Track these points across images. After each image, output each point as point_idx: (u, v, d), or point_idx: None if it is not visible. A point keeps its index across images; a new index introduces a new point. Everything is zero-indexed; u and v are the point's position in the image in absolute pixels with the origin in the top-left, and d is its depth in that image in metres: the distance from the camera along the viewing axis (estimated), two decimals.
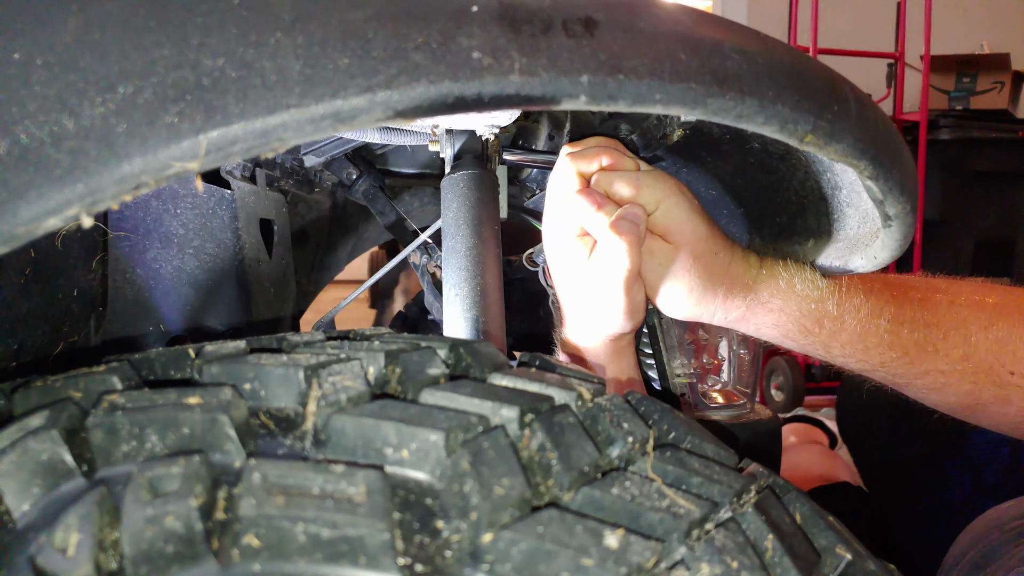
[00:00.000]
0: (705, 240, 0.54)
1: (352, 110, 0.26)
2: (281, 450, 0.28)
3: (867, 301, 0.54)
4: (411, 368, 0.32)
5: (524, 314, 1.07)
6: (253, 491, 0.25)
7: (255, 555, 0.23)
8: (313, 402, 0.29)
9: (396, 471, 0.27)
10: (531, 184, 0.85)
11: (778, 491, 0.31)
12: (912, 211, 0.43)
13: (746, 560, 0.26)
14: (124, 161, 0.25)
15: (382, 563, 0.23)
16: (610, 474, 0.29)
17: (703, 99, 0.30)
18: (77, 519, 0.24)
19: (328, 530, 0.23)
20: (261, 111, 0.25)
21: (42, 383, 0.32)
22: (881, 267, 0.51)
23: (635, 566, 0.24)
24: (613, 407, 0.33)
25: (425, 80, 0.26)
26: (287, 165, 0.92)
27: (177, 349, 0.35)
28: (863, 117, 0.37)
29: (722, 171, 0.62)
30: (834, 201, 0.52)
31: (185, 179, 0.63)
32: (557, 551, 0.24)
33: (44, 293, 0.47)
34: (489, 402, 0.30)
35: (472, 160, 0.61)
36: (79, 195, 0.25)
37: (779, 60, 0.33)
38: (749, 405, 0.73)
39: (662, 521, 0.26)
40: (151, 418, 0.28)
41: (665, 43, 0.30)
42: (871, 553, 0.29)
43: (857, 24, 3.51)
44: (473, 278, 0.57)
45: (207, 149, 0.25)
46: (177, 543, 0.24)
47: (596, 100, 0.28)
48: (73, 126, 0.25)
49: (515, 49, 0.27)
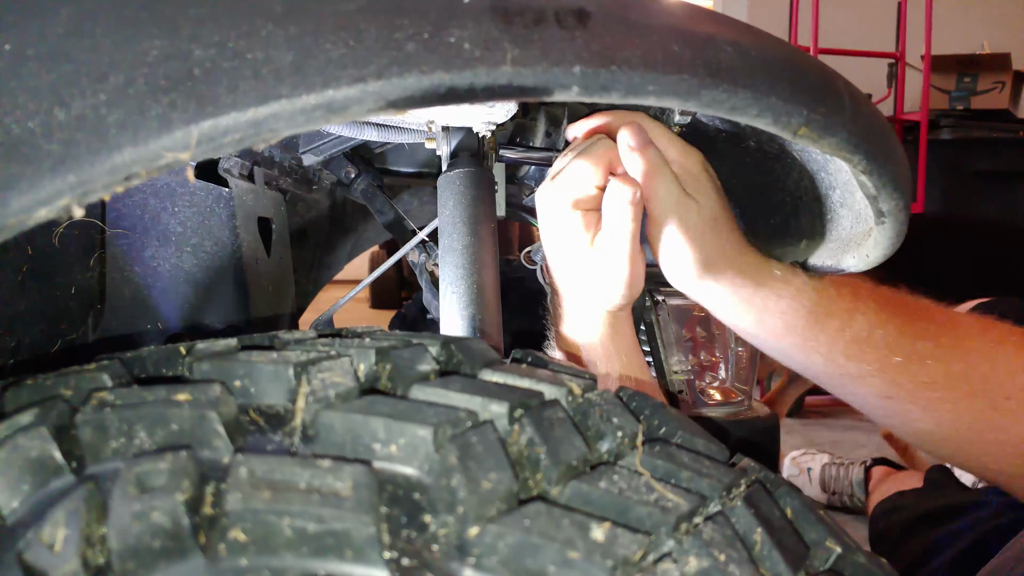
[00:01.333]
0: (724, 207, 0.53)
1: (344, 100, 0.26)
2: (270, 446, 0.28)
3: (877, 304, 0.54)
4: (401, 364, 0.32)
5: (522, 312, 1.07)
6: (240, 486, 0.25)
7: (242, 550, 0.23)
8: (302, 398, 0.29)
9: (384, 466, 0.27)
10: (529, 182, 0.85)
11: (769, 485, 0.31)
12: (905, 208, 0.43)
13: (734, 553, 0.25)
14: (115, 151, 0.25)
15: (369, 557, 0.23)
16: (599, 468, 0.29)
17: (696, 90, 0.30)
18: (65, 515, 0.24)
19: (315, 524, 0.23)
20: (253, 101, 0.25)
21: (32, 381, 0.32)
22: (873, 266, 0.51)
23: (622, 559, 0.24)
24: (603, 402, 0.33)
25: (417, 71, 0.26)
26: (286, 164, 0.92)
27: (168, 347, 0.35)
28: (857, 112, 0.37)
29: (718, 170, 0.62)
30: (828, 201, 0.52)
31: (182, 177, 0.63)
32: (544, 544, 0.24)
33: (42, 291, 0.47)
34: (479, 398, 0.30)
35: (469, 157, 0.61)
36: (70, 185, 0.25)
37: (772, 53, 0.33)
38: (747, 403, 0.73)
39: (650, 515, 0.26)
40: (140, 415, 0.28)
41: (658, 35, 0.30)
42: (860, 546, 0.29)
43: (858, 24, 3.51)
44: (470, 276, 0.57)
45: (199, 139, 0.25)
46: (164, 538, 0.23)
47: (589, 91, 0.28)
48: (64, 117, 0.25)
49: (507, 40, 0.27)
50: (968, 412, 0.53)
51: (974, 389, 0.52)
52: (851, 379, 0.55)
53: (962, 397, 0.53)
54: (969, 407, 0.53)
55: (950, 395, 0.53)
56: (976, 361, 0.53)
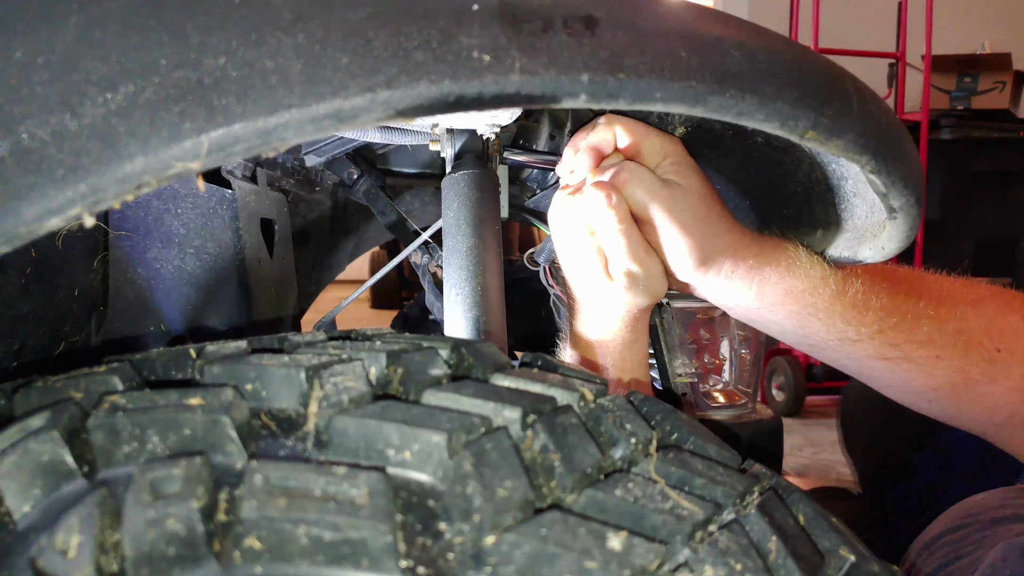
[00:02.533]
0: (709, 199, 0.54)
1: (353, 109, 0.26)
2: (283, 451, 0.28)
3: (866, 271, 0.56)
4: (413, 369, 0.32)
5: (526, 314, 1.07)
6: (255, 493, 0.25)
7: (257, 557, 0.23)
8: (315, 403, 0.29)
9: (398, 473, 0.27)
10: (532, 184, 0.85)
11: (781, 492, 0.31)
12: (917, 203, 0.43)
13: (750, 562, 0.25)
14: (126, 161, 0.25)
15: (384, 565, 0.23)
16: (613, 475, 0.29)
17: (704, 97, 0.30)
18: (78, 521, 0.24)
19: (330, 532, 0.23)
20: (262, 111, 0.25)
21: (43, 384, 0.32)
22: (889, 257, 0.51)
23: (638, 569, 0.24)
24: (616, 408, 0.33)
25: (426, 79, 0.26)
26: (288, 165, 0.92)
27: (178, 349, 0.35)
28: (865, 112, 0.37)
29: (726, 166, 0.62)
30: (841, 191, 0.52)
31: (186, 179, 0.63)
32: (560, 554, 0.24)
33: (45, 293, 0.47)
34: (491, 403, 0.29)
35: (473, 159, 0.61)
36: (81, 195, 0.25)
37: (780, 56, 0.33)
38: (750, 405, 0.73)
39: (665, 523, 0.26)
40: (152, 419, 0.28)
41: (665, 41, 0.30)
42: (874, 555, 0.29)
43: (858, 24, 3.51)
44: (474, 278, 0.57)
45: (209, 149, 0.25)
46: (178, 545, 0.23)
47: (596, 99, 0.28)
48: (75, 126, 0.25)
49: (515, 48, 0.27)
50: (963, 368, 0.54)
51: (968, 344, 0.54)
52: (850, 342, 0.56)
53: (957, 354, 0.54)
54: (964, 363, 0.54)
55: (946, 352, 0.55)
56: (968, 318, 0.55)
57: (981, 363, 0.54)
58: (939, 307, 0.55)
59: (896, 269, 0.58)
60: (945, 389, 0.56)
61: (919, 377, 0.56)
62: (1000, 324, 0.54)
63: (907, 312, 0.55)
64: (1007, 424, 0.56)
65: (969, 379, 0.55)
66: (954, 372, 0.55)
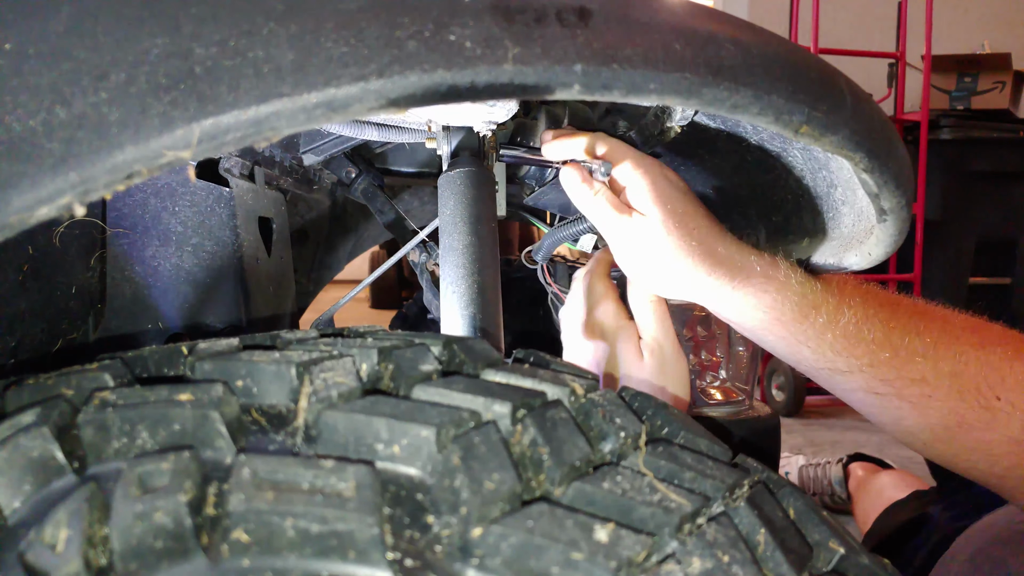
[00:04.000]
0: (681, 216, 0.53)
1: (345, 99, 0.26)
2: (272, 446, 0.28)
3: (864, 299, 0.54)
4: (404, 364, 0.32)
5: (523, 312, 1.07)
6: (242, 486, 0.24)
7: (244, 550, 0.23)
8: (304, 398, 0.29)
9: (387, 466, 0.27)
10: (529, 181, 0.85)
11: (771, 486, 0.31)
12: (907, 205, 0.42)
13: (738, 554, 0.25)
14: (117, 150, 0.25)
15: (372, 558, 0.23)
16: (602, 469, 0.29)
17: (698, 89, 0.30)
18: (67, 515, 0.24)
19: (317, 525, 0.23)
20: (254, 100, 0.25)
21: (34, 381, 0.32)
22: (875, 264, 0.51)
23: (625, 560, 0.23)
24: (606, 402, 0.33)
25: (418, 69, 0.26)
26: (286, 163, 0.92)
27: (170, 346, 0.34)
28: (858, 110, 0.36)
29: (720, 169, 0.62)
30: (830, 199, 0.52)
31: (183, 176, 0.63)
32: (547, 545, 0.23)
33: (42, 290, 0.46)
34: (481, 398, 0.29)
35: (469, 157, 0.61)
36: (72, 184, 0.25)
37: (774, 51, 0.33)
38: (748, 402, 0.73)
39: (653, 515, 0.26)
40: (142, 415, 0.28)
41: (659, 33, 0.30)
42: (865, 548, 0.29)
43: (858, 24, 3.51)
44: (470, 275, 0.57)
45: (200, 138, 0.25)
46: (166, 539, 0.23)
47: (590, 89, 0.28)
48: (66, 115, 0.25)
49: (508, 38, 0.27)
50: (957, 411, 0.52)
51: (964, 388, 0.52)
52: (840, 373, 0.55)
53: (952, 396, 0.52)
54: (959, 405, 0.52)
55: (939, 393, 0.52)
56: (968, 360, 0.52)
57: (977, 408, 0.52)
58: (937, 346, 0.53)
59: (901, 299, 0.56)
60: (939, 430, 0.54)
61: (911, 415, 0.54)
62: (1004, 372, 0.51)
63: (901, 348, 0.53)
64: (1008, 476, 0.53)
65: (964, 422, 0.53)
66: (948, 414, 0.53)
